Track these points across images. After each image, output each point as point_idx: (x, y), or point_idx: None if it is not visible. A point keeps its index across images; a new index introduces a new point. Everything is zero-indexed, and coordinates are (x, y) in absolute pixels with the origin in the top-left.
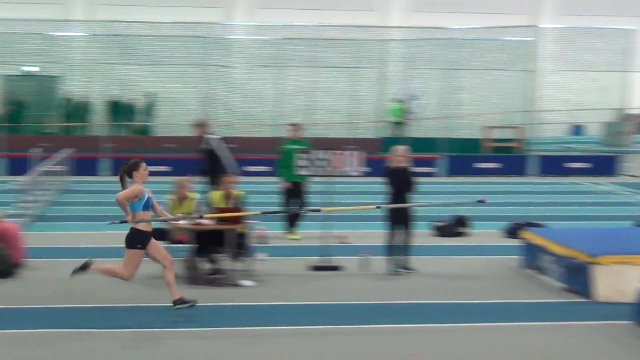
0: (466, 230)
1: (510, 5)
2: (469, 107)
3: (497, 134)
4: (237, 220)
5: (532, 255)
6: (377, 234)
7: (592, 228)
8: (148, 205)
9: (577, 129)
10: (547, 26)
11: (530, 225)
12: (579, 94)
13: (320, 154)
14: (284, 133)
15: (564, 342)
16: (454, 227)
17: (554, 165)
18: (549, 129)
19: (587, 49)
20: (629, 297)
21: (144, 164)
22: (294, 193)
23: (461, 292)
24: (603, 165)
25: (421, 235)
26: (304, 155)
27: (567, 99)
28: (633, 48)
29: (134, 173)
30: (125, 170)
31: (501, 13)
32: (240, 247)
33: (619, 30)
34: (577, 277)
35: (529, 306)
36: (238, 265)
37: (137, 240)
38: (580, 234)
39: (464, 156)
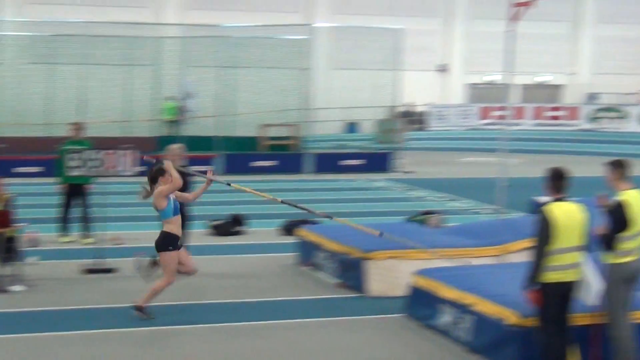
0: (243, 228)
1: (285, 3)
2: (246, 105)
3: (273, 132)
4: (5, 223)
5: (308, 252)
6: (151, 235)
7: (366, 224)
8: (177, 210)
9: (352, 127)
10: (321, 25)
11: (306, 222)
12: (353, 92)
13: (93, 154)
14: (63, 132)
15: (339, 337)
16: (230, 226)
17: (329, 163)
18: (325, 127)
19: (360, 47)
20: (401, 291)
21: None
22: (76, 194)
23: (238, 291)
24: (377, 162)
25: (198, 234)
26: (76, 156)
27: (341, 97)
28: (403, 47)
29: (160, 179)
30: (151, 175)
31: (276, 11)
32: (9, 251)
33: (390, 29)
34: (351, 272)
35: (305, 303)
36: (7, 269)
37: (167, 242)
38: (354, 230)
39: (240, 154)
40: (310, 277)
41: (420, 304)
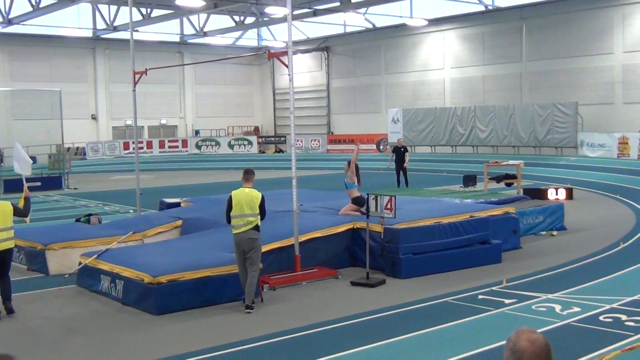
0: None
1: None
2: None
3: None
4: None
5: None
6: None
7: (45, 226)
8: None
9: (32, 159)
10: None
11: None
12: (31, 135)
13: None
14: None
15: (35, 305)
16: None
17: (15, 185)
18: (10, 161)
19: (27, 105)
20: (73, 270)
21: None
22: None
23: None
24: (51, 183)
25: None
26: None
27: (21, 139)
28: (62, 103)
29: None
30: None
31: None
32: None
33: (50, 91)
34: (36, 260)
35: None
36: None
37: None
38: (37, 230)
39: None
40: None
41: (86, 276)
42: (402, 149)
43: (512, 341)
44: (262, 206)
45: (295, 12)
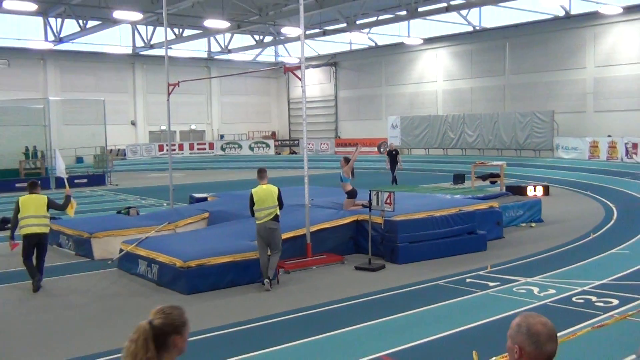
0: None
1: (28, 84)
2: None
3: (25, 165)
4: None
5: (54, 237)
6: None
7: (90, 217)
8: None
9: (79, 159)
10: (53, 98)
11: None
12: (78, 139)
13: None
14: None
15: (83, 284)
16: None
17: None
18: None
19: (78, 112)
20: (115, 256)
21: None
22: None
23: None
24: (96, 180)
25: None
26: None
27: (71, 141)
28: (105, 111)
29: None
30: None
31: (20, 90)
32: None
33: (96, 100)
34: (83, 246)
35: (61, 267)
36: None
37: None
38: (84, 220)
39: (5, 180)
40: (57, 252)
41: (126, 261)
42: (393, 152)
43: (526, 326)
44: (279, 198)
45: (307, 32)
